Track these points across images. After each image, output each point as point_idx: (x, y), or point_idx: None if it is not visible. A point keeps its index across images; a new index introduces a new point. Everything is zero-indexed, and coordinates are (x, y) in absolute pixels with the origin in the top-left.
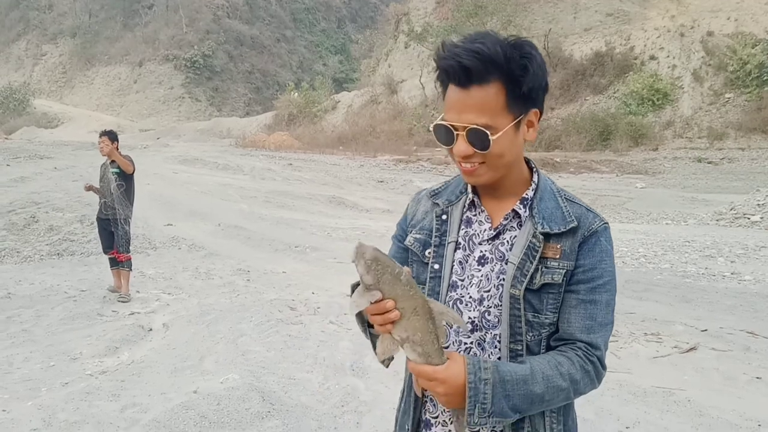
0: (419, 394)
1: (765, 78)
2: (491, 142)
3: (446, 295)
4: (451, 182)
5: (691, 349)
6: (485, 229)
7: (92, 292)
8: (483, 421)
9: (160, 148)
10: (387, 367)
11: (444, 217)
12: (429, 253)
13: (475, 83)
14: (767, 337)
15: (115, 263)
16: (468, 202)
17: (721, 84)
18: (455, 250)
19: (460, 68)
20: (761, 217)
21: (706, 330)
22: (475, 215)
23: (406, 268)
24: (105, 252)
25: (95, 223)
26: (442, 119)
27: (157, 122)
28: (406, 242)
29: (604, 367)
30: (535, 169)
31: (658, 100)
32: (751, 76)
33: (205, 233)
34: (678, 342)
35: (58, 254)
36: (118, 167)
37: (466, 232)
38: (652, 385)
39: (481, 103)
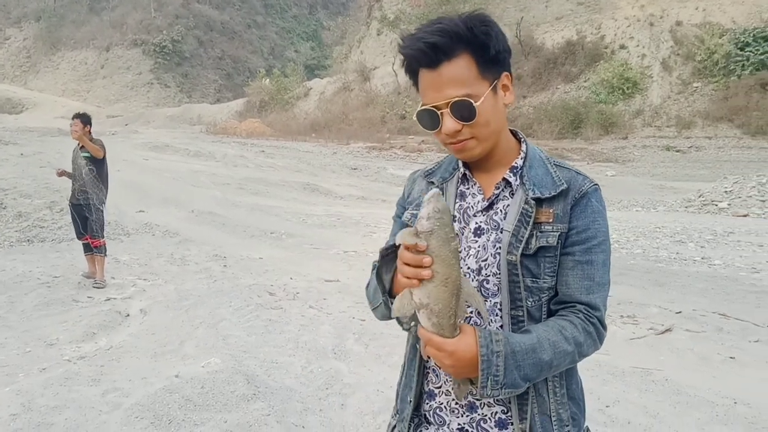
0: (425, 358)
1: (731, 68)
2: (476, 109)
3: None
4: (444, 161)
5: (667, 330)
6: (478, 201)
7: (66, 278)
8: (496, 393)
9: (129, 135)
10: (405, 328)
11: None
12: None
13: (444, 60)
14: (739, 319)
15: (89, 249)
16: (460, 176)
17: (689, 73)
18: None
19: (427, 47)
20: (728, 204)
21: (680, 312)
22: (468, 188)
23: (458, 240)
24: (78, 237)
25: (66, 209)
26: (422, 105)
27: (126, 108)
28: (404, 218)
29: (604, 327)
30: (523, 140)
31: (627, 89)
32: (718, 65)
33: (178, 220)
34: (653, 324)
35: (28, 240)
36: (87, 152)
37: (460, 205)
38: (630, 365)
39: (455, 77)
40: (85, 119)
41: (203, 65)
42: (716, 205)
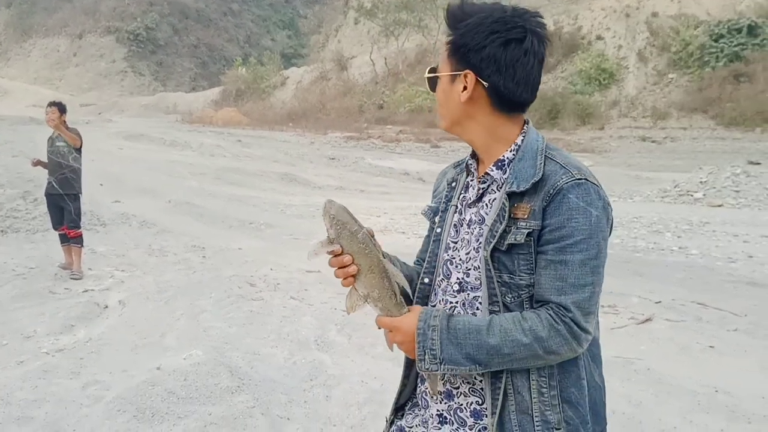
0: (390, 349)
1: (706, 59)
2: (437, 81)
3: (441, 256)
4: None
5: (647, 320)
6: (473, 193)
7: (42, 270)
8: (434, 367)
9: (103, 124)
10: (349, 314)
11: (453, 184)
12: (437, 218)
13: (451, 30)
14: (717, 308)
15: (65, 239)
16: (465, 167)
17: (664, 64)
18: (454, 214)
19: (448, 13)
20: (703, 194)
21: (659, 302)
22: (471, 180)
23: (365, 228)
24: (55, 228)
25: (40, 199)
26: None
27: (99, 97)
28: (422, 212)
29: (582, 329)
30: (523, 131)
31: (604, 79)
32: (693, 57)
33: (155, 210)
34: (634, 314)
35: (1, 231)
36: (65, 141)
37: (463, 197)
38: (611, 355)
39: (440, 49)
40: (61, 107)
41: (178, 53)
42: (692, 196)
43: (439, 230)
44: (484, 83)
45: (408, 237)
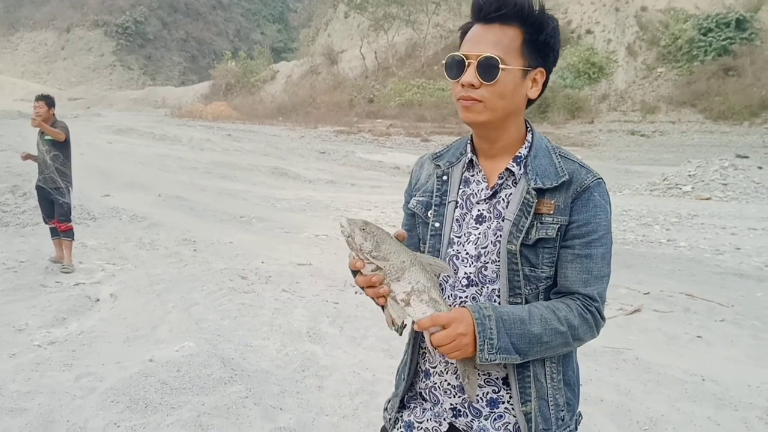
0: (433, 348)
1: (695, 53)
2: (500, 72)
3: (445, 252)
4: (453, 145)
5: (636, 311)
6: (482, 189)
7: (33, 263)
8: (492, 357)
9: (92, 118)
10: (401, 334)
11: (445, 177)
12: (431, 213)
13: (498, 21)
14: (705, 299)
15: (56, 233)
16: (467, 161)
17: (653, 58)
18: (455, 209)
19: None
20: (692, 188)
21: (648, 293)
22: (472, 175)
23: (378, 230)
24: (46, 222)
25: (29, 193)
26: (456, 52)
27: (87, 91)
28: (410, 206)
29: (603, 318)
30: (530, 128)
31: (594, 73)
32: (681, 51)
33: (145, 204)
34: (623, 305)
35: None
36: (49, 139)
37: (464, 191)
38: (600, 344)
39: (498, 39)
40: (49, 101)
41: (167, 47)
42: (680, 189)
43: (437, 225)
44: (544, 83)
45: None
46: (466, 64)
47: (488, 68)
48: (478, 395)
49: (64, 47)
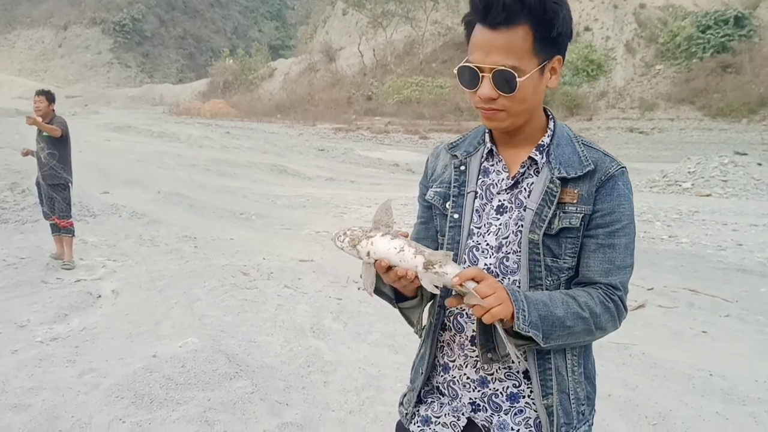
0: (471, 309)
1: (693, 50)
2: (518, 84)
3: (465, 243)
4: (470, 134)
5: (640, 306)
6: (503, 179)
7: (33, 260)
8: (526, 327)
9: (90, 115)
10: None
11: (462, 168)
12: (449, 204)
13: (505, 24)
14: (709, 295)
15: (56, 229)
16: (486, 151)
17: (652, 56)
18: (474, 200)
19: (497, 3)
20: (692, 184)
21: (652, 289)
22: (492, 165)
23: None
24: (46, 218)
25: (28, 190)
26: (467, 61)
27: (85, 88)
28: (427, 197)
29: (625, 308)
30: (551, 117)
31: (592, 71)
32: (680, 48)
33: (145, 201)
34: (628, 300)
35: None
36: (44, 137)
37: (483, 181)
38: (606, 340)
39: (508, 45)
40: (50, 96)
41: (165, 45)
42: (680, 186)
43: (456, 216)
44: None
45: (399, 227)
46: (480, 77)
47: (504, 80)
48: (497, 390)
49: (62, 45)
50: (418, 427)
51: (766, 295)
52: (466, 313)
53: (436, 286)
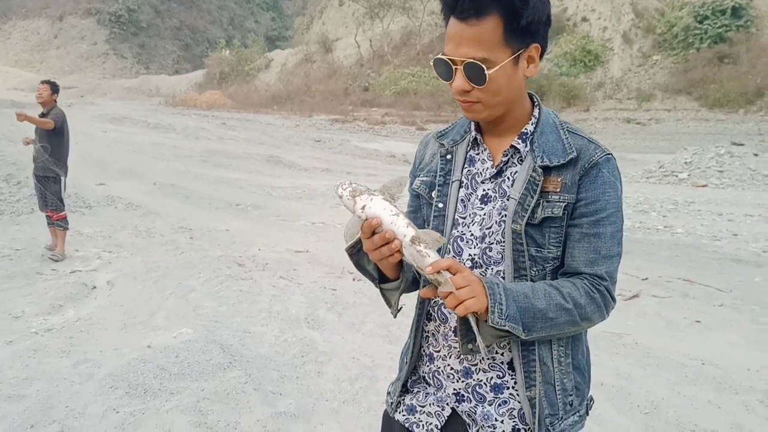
0: (444, 298)
1: (690, 41)
2: (487, 76)
3: (449, 233)
4: (458, 122)
5: (634, 296)
6: (487, 168)
7: (28, 251)
8: (501, 321)
9: (86, 107)
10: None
11: (449, 156)
12: (434, 193)
13: (474, 16)
14: (703, 285)
15: (51, 221)
16: (471, 140)
17: (649, 46)
18: (459, 189)
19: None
20: (688, 175)
21: (646, 279)
22: (477, 154)
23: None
24: (41, 209)
25: (23, 182)
26: (443, 53)
27: (81, 79)
28: (413, 186)
29: (613, 298)
30: (537, 104)
31: (589, 61)
32: (677, 38)
33: (140, 192)
34: (621, 290)
35: None
36: (38, 132)
37: (468, 170)
38: (600, 329)
39: (477, 38)
40: (54, 86)
41: (161, 35)
42: (676, 176)
43: (441, 205)
44: (541, 54)
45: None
46: (453, 69)
47: (474, 73)
48: (481, 380)
49: (57, 36)
50: (403, 415)
51: (760, 285)
52: None
53: (414, 268)
